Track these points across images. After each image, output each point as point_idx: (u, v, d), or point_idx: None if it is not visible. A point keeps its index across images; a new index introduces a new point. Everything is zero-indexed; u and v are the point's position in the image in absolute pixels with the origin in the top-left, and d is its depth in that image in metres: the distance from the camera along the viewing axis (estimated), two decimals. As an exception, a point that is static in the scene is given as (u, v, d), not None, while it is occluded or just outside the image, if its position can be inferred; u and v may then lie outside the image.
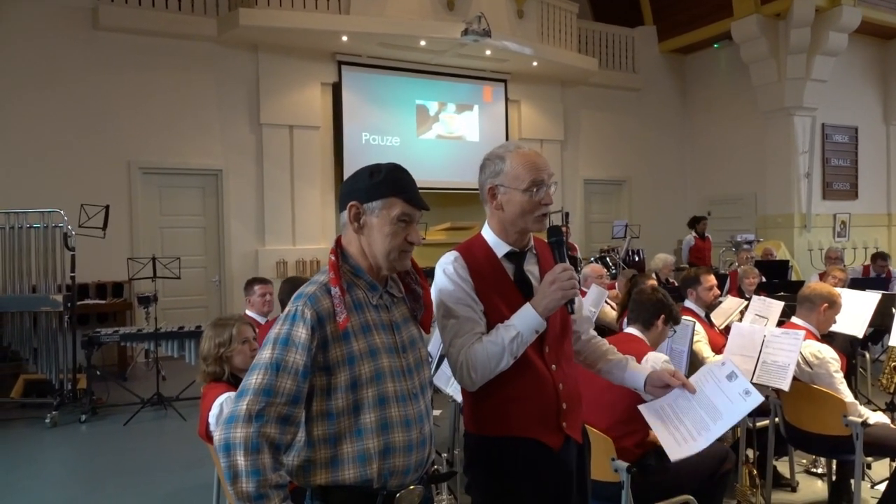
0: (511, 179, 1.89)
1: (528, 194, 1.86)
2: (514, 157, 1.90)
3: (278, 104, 9.06)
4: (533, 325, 1.81)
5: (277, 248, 9.07)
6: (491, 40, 8.88)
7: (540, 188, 1.88)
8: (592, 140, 11.90)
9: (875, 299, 4.13)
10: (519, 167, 1.88)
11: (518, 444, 1.86)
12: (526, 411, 1.87)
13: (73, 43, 8.01)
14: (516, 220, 1.91)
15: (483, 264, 1.91)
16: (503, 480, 1.87)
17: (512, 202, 1.89)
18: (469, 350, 1.82)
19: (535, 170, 1.88)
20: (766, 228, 11.00)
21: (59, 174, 7.80)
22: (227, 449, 1.46)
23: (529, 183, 1.86)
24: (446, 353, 1.88)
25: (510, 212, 1.90)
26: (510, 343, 1.79)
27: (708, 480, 2.92)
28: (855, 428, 3.10)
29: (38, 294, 6.03)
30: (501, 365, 1.80)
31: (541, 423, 1.88)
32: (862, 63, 11.68)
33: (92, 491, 4.31)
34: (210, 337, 2.79)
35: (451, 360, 1.86)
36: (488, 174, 1.93)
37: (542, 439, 1.87)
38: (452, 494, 3.76)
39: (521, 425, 1.86)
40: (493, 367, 1.81)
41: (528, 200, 1.87)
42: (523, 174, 1.87)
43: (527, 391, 1.87)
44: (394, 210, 1.63)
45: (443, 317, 1.87)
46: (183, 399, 6.11)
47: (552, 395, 1.90)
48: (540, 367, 1.89)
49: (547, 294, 1.82)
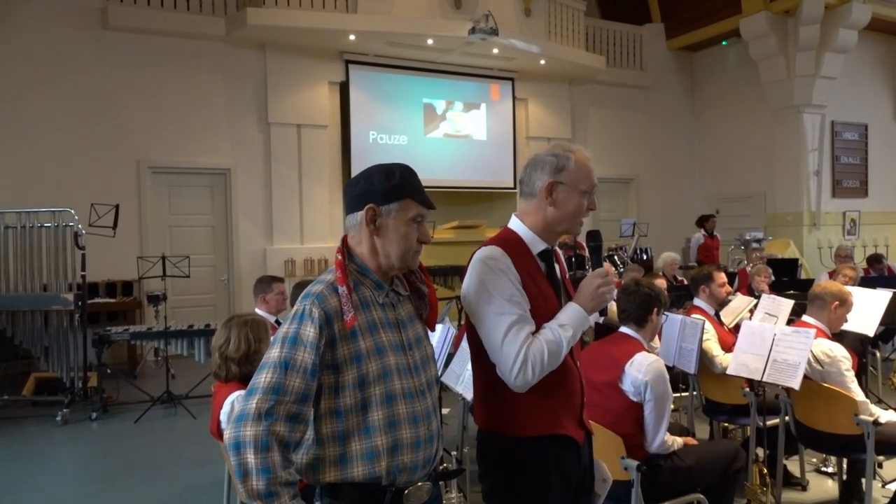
0: (575, 179, 1.91)
1: (584, 197, 1.92)
2: (579, 159, 1.94)
3: (286, 103, 9.09)
4: (583, 324, 1.86)
5: (286, 247, 9.09)
6: (498, 38, 8.87)
7: (592, 194, 1.95)
8: (600, 138, 11.86)
9: (886, 297, 4.10)
10: (583, 168, 1.93)
11: (553, 441, 1.87)
12: (563, 408, 1.90)
13: (83, 42, 8.05)
14: (566, 218, 1.93)
15: (523, 261, 1.89)
16: (534, 480, 1.85)
17: (569, 201, 1.91)
18: (530, 348, 1.77)
19: (592, 175, 1.96)
20: (776, 226, 10.94)
21: (68, 174, 7.85)
22: (237, 447, 1.47)
23: (589, 186, 1.93)
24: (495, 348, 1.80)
25: (563, 210, 1.91)
26: (568, 342, 1.82)
27: (719, 479, 2.91)
28: (866, 427, 3.08)
29: (49, 293, 6.07)
30: (558, 363, 1.82)
31: (571, 418, 1.92)
32: (872, 60, 11.60)
33: (103, 488, 4.34)
34: (243, 335, 2.67)
35: (505, 357, 1.77)
36: (551, 169, 1.91)
37: (573, 435, 1.90)
38: (462, 492, 3.76)
39: (560, 422, 1.88)
40: (552, 365, 1.81)
41: (581, 202, 1.92)
42: (585, 177, 1.93)
43: (566, 388, 1.91)
44: (410, 212, 1.66)
45: (490, 313, 1.81)
46: (193, 397, 6.14)
47: (580, 389, 1.96)
48: (571, 364, 1.93)
49: (594, 296, 1.86)
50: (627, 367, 2.74)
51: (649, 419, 2.71)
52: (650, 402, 2.69)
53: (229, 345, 2.69)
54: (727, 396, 3.92)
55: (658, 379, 2.69)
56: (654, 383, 2.68)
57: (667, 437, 2.78)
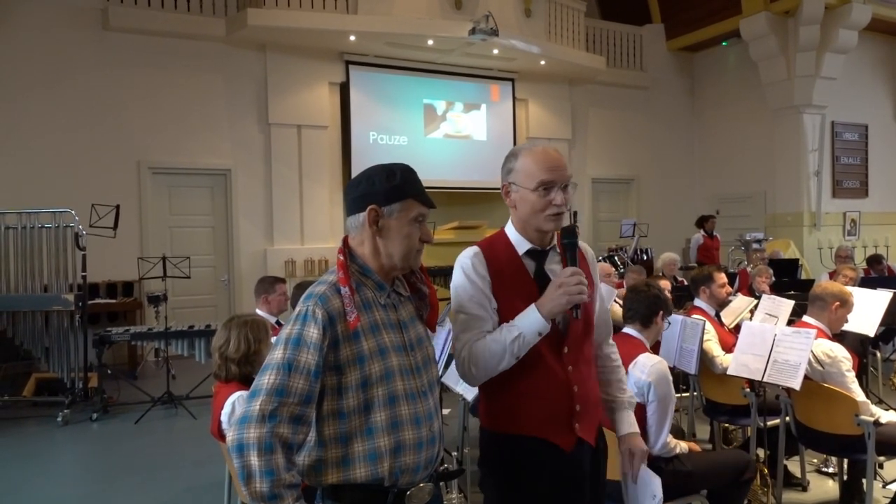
0: (522, 178, 1.88)
1: (536, 193, 1.85)
2: (525, 156, 1.89)
3: (286, 104, 9.09)
4: (536, 327, 1.78)
5: (286, 248, 9.10)
6: (498, 39, 8.87)
7: (550, 189, 1.84)
8: (600, 139, 11.87)
9: (887, 298, 4.10)
10: (530, 165, 1.87)
11: (528, 443, 1.86)
12: (537, 411, 1.86)
13: (83, 43, 8.05)
14: (529, 218, 1.89)
15: (503, 261, 1.90)
16: (515, 478, 1.87)
17: (523, 200, 1.88)
18: (472, 346, 1.82)
19: (545, 170, 1.85)
20: (776, 227, 10.95)
21: (69, 174, 7.86)
22: (240, 449, 1.46)
23: (538, 183, 1.84)
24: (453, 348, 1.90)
25: (522, 210, 1.90)
26: (511, 343, 1.78)
27: (727, 487, 2.90)
28: (867, 427, 3.08)
29: (49, 293, 6.07)
30: (503, 364, 1.80)
31: (552, 423, 1.87)
32: (872, 60, 11.61)
33: (104, 489, 4.34)
34: (243, 336, 2.66)
35: (455, 355, 1.86)
36: (503, 172, 1.94)
37: (552, 440, 1.86)
38: (462, 493, 3.76)
39: (532, 424, 1.86)
40: (494, 366, 1.80)
41: (537, 199, 1.85)
42: (534, 173, 1.85)
43: (539, 390, 1.86)
44: (412, 212, 1.65)
45: (455, 311, 1.88)
46: (193, 397, 6.13)
47: (566, 396, 1.88)
48: (555, 367, 1.87)
49: (553, 297, 1.78)
50: (631, 367, 2.74)
51: (652, 420, 2.71)
52: (653, 403, 2.69)
53: (229, 345, 2.68)
54: (728, 397, 3.92)
55: (661, 380, 2.69)
56: (658, 384, 2.68)
57: (669, 438, 2.78)
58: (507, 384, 1.87)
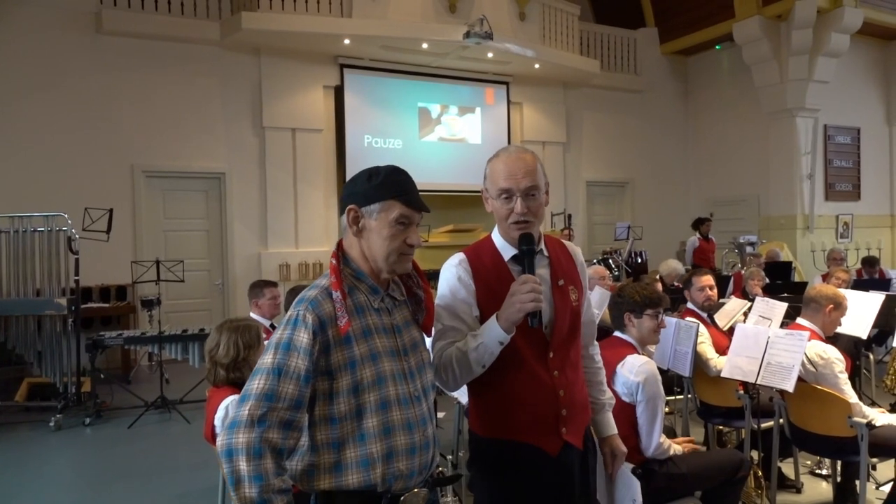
0: (489, 184, 1.89)
1: (499, 201, 1.85)
2: (493, 162, 1.89)
3: (281, 107, 9.08)
4: (496, 336, 1.75)
5: (280, 251, 9.08)
6: (493, 43, 8.89)
7: (511, 198, 1.83)
8: (595, 142, 11.90)
9: (879, 300, 4.12)
10: (494, 172, 1.87)
11: (515, 447, 1.86)
12: (522, 416, 1.86)
13: (77, 47, 8.03)
14: (501, 224, 1.89)
15: (489, 267, 1.90)
16: (502, 481, 1.88)
17: (493, 207, 1.90)
18: (443, 354, 1.83)
19: (503, 177, 1.83)
20: (769, 230, 10.99)
21: (62, 178, 7.82)
22: (229, 454, 1.46)
23: (498, 191, 1.85)
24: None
25: (497, 216, 1.90)
26: (473, 352, 1.77)
27: (720, 486, 2.91)
28: (860, 429, 3.09)
29: (42, 297, 6.04)
30: (473, 371, 1.80)
31: (538, 428, 1.86)
32: (864, 64, 11.67)
33: (97, 494, 4.32)
34: (233, 341, 2.65)
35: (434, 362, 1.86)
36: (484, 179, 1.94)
37: (538, 444, 1.86)
38: (457, 497, 3.75)
39: (518, 429, 1.86)
40: (463, 373, 1.80)
41: (500, 207, 1.85)
42: (496, 180, 1.86)
43: (524, 396, 1.86)
44: (392, 213, 1.63)
45: (434, 320, 1.86)
46: (187, 402, 6.11)
47: (551, 400, 1.87)
48: (540, 372, 1.87)
49: (507, 306, 1.74)
50: (619, 367, 2.74)
51: (642, 419, 2.71)
52: (642, 403, 2.69)
53: (219, 349, 2.68)
54: (722, 399, 3.92)
55: (650, 379, 2.69)
56: (646, 384, 2.68)
57: (663, 440, 2.78)
58: (494, 389, 1.87)
